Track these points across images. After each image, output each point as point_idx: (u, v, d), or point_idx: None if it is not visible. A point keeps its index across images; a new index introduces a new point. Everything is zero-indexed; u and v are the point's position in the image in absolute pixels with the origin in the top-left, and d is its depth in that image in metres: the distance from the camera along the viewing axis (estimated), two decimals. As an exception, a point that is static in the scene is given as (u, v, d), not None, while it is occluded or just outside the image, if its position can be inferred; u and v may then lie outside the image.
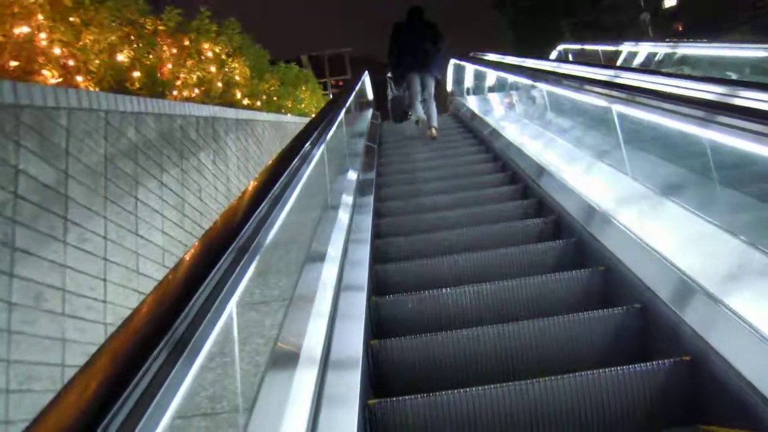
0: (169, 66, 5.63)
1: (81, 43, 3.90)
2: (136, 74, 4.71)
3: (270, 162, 2.78)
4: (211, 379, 2.31)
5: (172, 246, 4.44)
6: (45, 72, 3.54)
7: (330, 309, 2.66)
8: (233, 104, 7.20)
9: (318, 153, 3.87)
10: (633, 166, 3.94)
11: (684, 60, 12.49)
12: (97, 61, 4.01)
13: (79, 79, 3.95)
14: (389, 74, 9.47)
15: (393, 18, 8.65)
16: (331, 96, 21.05)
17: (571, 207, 3.96)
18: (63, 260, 3.07)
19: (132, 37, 4.86)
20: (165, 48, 5.61)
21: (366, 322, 2.73)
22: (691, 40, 11.76)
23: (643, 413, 2.16)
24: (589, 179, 4.39)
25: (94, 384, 0.89)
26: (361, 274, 3.30)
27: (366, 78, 14.84)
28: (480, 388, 2.20)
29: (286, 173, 2.33)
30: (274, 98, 9.77)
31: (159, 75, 5.32)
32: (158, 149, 4.45)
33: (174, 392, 1.01)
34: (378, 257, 3.93)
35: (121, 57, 4.62)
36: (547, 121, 6.28)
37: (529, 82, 7.06)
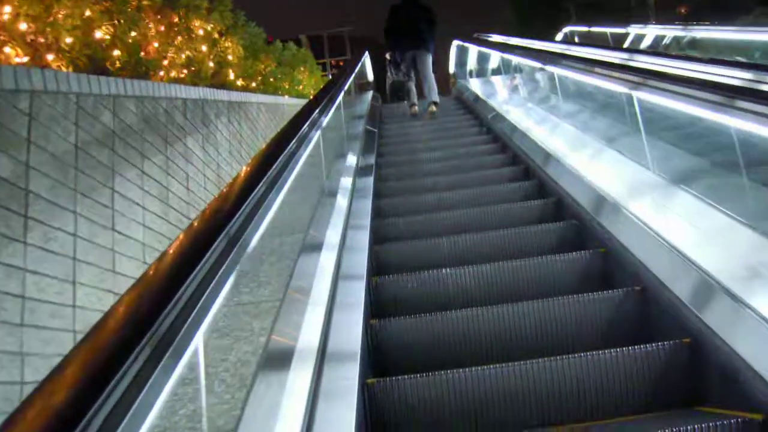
0: (156, 44, 5.25)
1: (51, 18, 3.52)
2: (117, 53, 4.33)
3: (263, 147, 2.45)
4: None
5: (154, 241, 4.10)
6: (7, 50, 3.17)
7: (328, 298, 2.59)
8: (226, 85, 6.82)
9: (315, 137, 3.55)
10: (656, 159, 3.60)
11: (694, 43, 12.12)
12: (70, 39, 3.63)
13: (50, 58, 3.58)
14: (387, 56, 9.60)
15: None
16: (330, 77, 20.58)
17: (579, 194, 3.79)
18: (23, 263, 2.73)
19: (113, 13, 4.47)
20: (151, 25, 5.22)
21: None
22: (705, 22, 11.31)
23: (642, 394, 2.18)
24: (601, 168, 4.07)
25: (60, 396, 0.75)
26: (360, 259, 3.20)
27: (366, 59, 14.42)
28: (480, 367, 2.21)
29: (280, 158, 2.20)
30: (271, 79, 9.37)
31: (143, 54, 4.94)
32: (139, 135, 4.09)
33: (153, 400, 0.89)
34: (377, 239, 3.87)
35: (100, 34, 4.24)
36: (560, 107, 5.90)
37: (538, 65, 6.66)
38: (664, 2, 20.43)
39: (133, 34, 4.82)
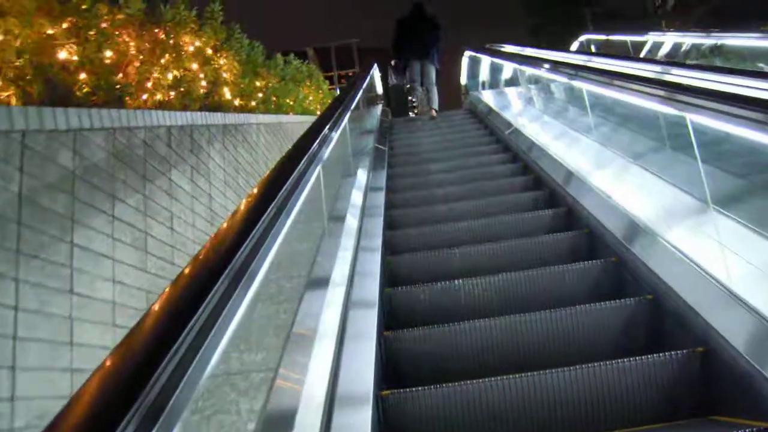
0: (137, 65, 4.64)
1: (-4, 38, 2.92)
2: (84, 76, 3.72)
3: (253, 194, 2.03)
4: None
5: (128, 297, 3.47)
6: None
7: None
8: (221, 106, 6.22)
9: (312, 176, 2.94)
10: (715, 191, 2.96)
11: (715, 51, 11.54)
12: (19, 62, 3.02)
13: (-4, 86, 2.97)
14: (392, 63, 10.47)
15: (401, 6, 9.83)
16: (338, 91, 19.98)
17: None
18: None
19: (81, 29, 3.87)
20: (132, 43, 4.62)
21: None
22: (732, 30, 10.67)
23: (656, 403, 2.16)
24: (649, 202, 3.45)
25: None
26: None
27: (375, 71, 13.86)
28: (493, 378, 2.20)
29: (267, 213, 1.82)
30: (273, 97, 8.77)
31: (121, 76, 4.33)
32: (109, 174, 3.47)
33: None
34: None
35: (65, 54, 3.63)
36: (589, 126, 5.25)
37: (563, 79, 6.01)
38: (676, 8, 19.80)
39: (108, 54, 4.22)
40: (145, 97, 4.68)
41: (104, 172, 3.39)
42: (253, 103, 7.40)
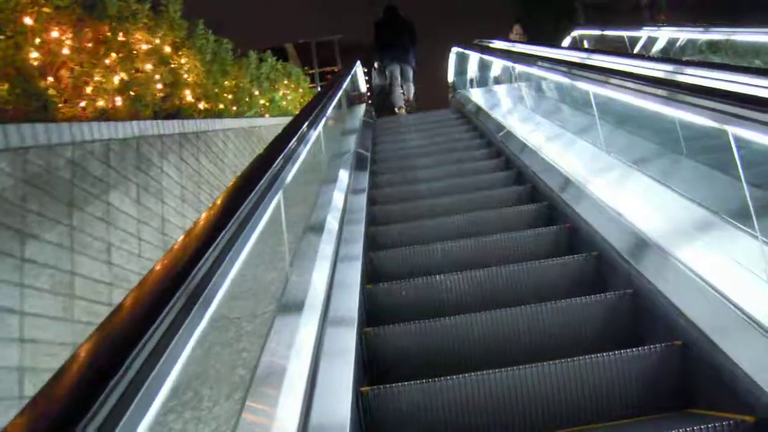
0: (73, 66, 3.95)
1: None
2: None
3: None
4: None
5: (43, 357, 2.80)
6: None
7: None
8: (182, 111, 5.54)
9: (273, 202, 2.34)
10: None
11: (712, 47, 11.10)
12: None
13: None
14: (375, 65, 10.90)
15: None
16: (319, 89, 19.27)
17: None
18: None
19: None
20: (65, 40, 3.92)
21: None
22: (733, 23, 10.16)
23: (635, 397, 2.14)
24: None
25: None
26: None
27: (358, 69, 13.20)
28: (474, 374, 2.18)
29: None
30: (247, 98, 8.08)
31: (51, 80, 3.64)
32: (18, 207, 2.79)
33: None
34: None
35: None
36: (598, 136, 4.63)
37: (562, 79, 5.40)
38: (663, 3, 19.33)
39: (34, 55, 3.53)
40: (83, 104, 3.99)
41: (10, 206, 2.71)
42: (221, 106, 6.71)
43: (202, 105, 6.21)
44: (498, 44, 9.99)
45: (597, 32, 11.94)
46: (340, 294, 2.69)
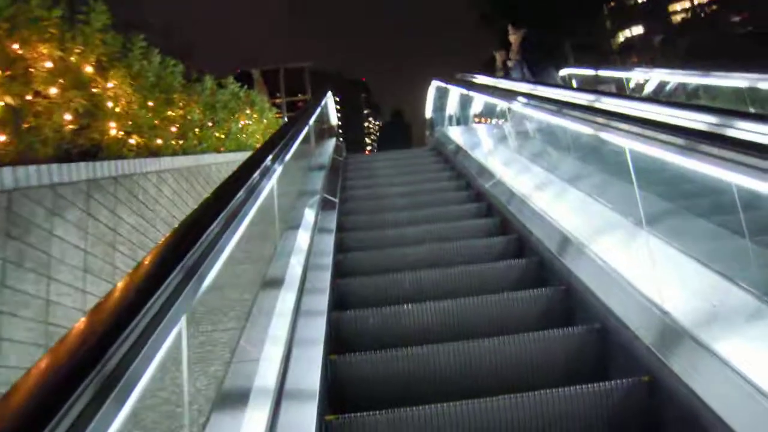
0: None
1: None
2: None
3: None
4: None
5: None
6: None
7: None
8: (102, 149, 4.34)
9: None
10: None
11: (701, 90, 10.40)
12: None
13: None
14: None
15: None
16: (285, 119, 18.08)
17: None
18: None
19: None
20: None
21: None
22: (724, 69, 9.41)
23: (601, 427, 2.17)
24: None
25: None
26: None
27: (329, 100, 12.16)
28: (440, 405, 2.21)
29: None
30: (195, 130, 6.88)
31: None
32: None
33: None
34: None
35: None
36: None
37: (567, 123, 4.36)
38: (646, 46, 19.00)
39: None
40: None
41: None
42: (159, 141, 5.50)
43: (134, 140, 5.00)
44: (482, 79, 9.02)
45: (587, 72, 11.09)
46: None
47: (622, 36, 25.90)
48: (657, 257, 2.78)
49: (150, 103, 5.68)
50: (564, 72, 11.46)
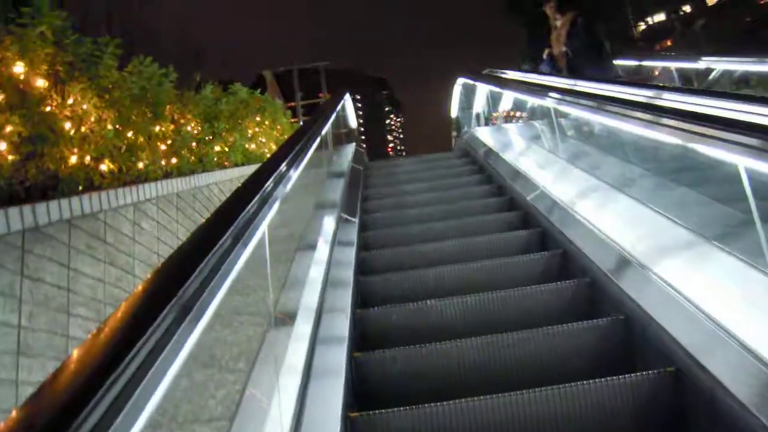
0: None
1: None
2: None
3: None
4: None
5: None
6: None
7: None
8: (59, 179, 3.46)
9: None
10: None
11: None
12: None
13: None
14: None
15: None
16: (301, 123, 17.17)
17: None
18: None
19: None
20: None
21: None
22: None
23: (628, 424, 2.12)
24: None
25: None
26: None
27: (347, 101, 11.22)
28: (464, 400, 2.16)
29: None
30: (192, 144, 5.98)
31: None
32: None
33: None
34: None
35: None
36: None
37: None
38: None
39: None
40: None
41: None
42: (141, 165, 4.58)
43: (105, 166, 4.10)
44: (518, 75, 7.97)
45: (634, 63, 9.92)
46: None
47: (644, 22, 24.56)
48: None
49: (134, 118, 4.79)
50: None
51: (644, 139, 3.53)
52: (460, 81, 10.50)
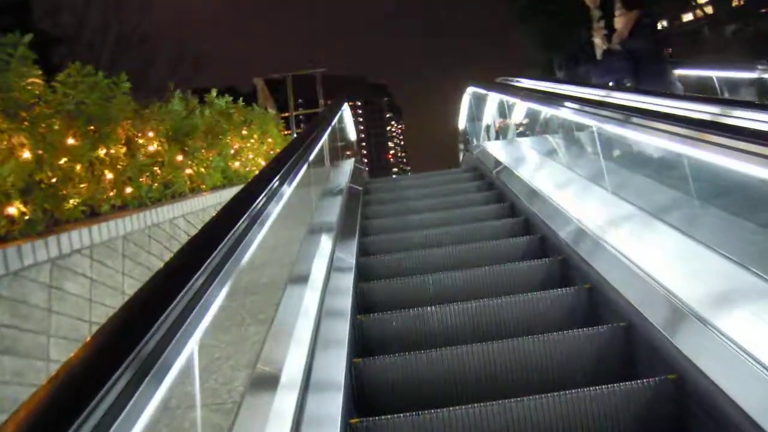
0: None
1: None
2: None
3: None
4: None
5: None
6: None
7: None
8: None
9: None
10: None
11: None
12: None
13: None
14: None
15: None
16: (294, 135, 16.10)
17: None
18: None
19: None
20: None
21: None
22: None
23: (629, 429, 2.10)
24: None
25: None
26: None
27: (345, 111, 10.19)
28: (465, 407, 2.15)
29: None
30: (155, 169, 4.93)
31: None
32: None
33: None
34: None
35: None
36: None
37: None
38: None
39: None
40: None
41: None
42: (72, 202, 3.53)
43: (14, 209, 3.05)
44: (538, 84, 6.90)
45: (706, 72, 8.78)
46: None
47: (660, 24, 23.59)
48: None
49: (72, 142, 3.75)
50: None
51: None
52: (470, 90, 9.45)
